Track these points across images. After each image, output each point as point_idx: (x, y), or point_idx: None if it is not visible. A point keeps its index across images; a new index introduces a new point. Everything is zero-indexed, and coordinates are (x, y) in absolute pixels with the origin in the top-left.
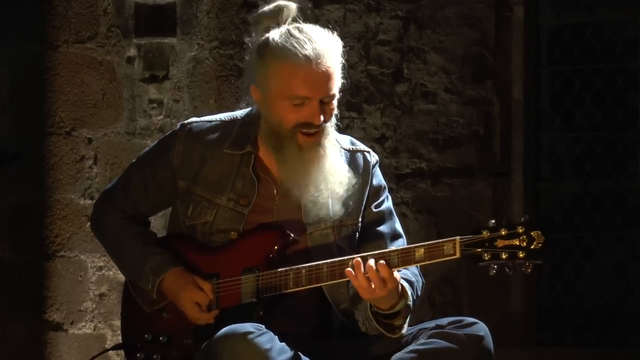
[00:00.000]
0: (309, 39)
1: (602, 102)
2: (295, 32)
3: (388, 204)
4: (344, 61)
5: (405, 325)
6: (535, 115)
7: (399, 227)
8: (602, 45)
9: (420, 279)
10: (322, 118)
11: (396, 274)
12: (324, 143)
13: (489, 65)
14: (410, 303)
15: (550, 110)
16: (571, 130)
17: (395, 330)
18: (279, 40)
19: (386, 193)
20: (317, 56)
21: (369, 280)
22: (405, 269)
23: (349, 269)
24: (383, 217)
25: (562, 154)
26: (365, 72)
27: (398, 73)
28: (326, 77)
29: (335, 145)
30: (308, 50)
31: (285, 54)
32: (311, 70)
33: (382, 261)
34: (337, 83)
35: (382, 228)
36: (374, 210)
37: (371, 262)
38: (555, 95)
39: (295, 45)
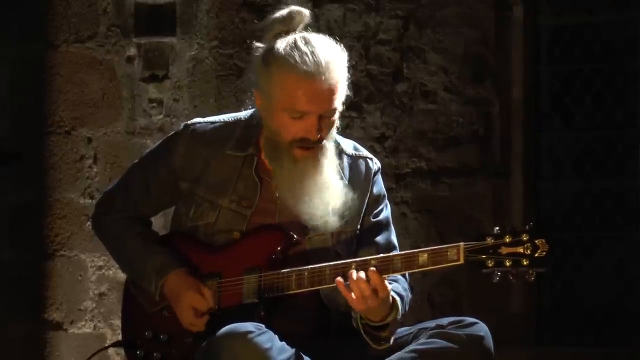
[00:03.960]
0: (313, 52)
1: (602, 102)
2: (301, 44)
3: (386, 213)
4: (349, 75)
5: (392, 338)
6: (535, 115)
7: (394, 238)
8: (601, 44)
9: (409, 294)
10: (318, 135)
11: (387, 284)
12: (320, 159)
13: (488, 65)
14: (400, 316)
15: (550, 110)
16: (571, 130)
17: (382, 342)
18: (283, 51)
19: (385, 201)
20: (321, 72)
21: (361, 290)
22: (395, 281)
23: (339, 279)
24: (380, 227)
25: (562, 153)
26: (365, 72)
27: (398, 72)
28: (328, 92)
29: (333, 161)
30: (311, 65)
31: (288, 66)
32: (313, 85)
33: (372, 268)
34: (339, 97)
35: (378, 238)
36: (372, 219)
37: (361, 273)
38: (555, 95)
39: (299, 59)
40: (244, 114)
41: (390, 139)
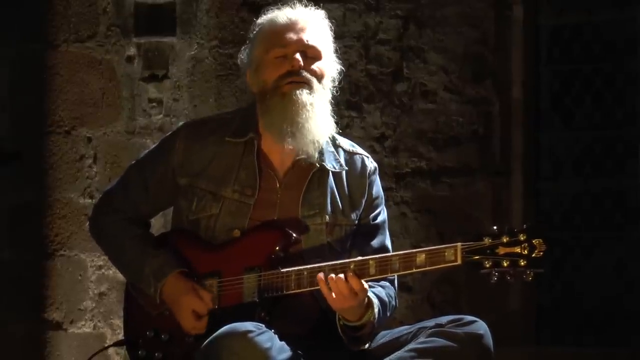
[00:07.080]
0: (290, 9)
1: (602, 102)
2: (278, 10)
3: (384, 216)
4: (332, 36)
5: (370, 340)
6: (535, 114)
7: (388, 242)
8: (601, 44)
9: (393, 302)
10: (301, 64)
11: (365, 284)
12: (308, 94)
13: (488, 65)
14: (375, 318)
15: (550, 109)
16: (571, 130)
17: (360, 344)
18: (262, 19)
19: (383, 205)
20: (297, 16)
21: (340, 290)
22: (382, 287)
23: (321, 275)
24: (377, 230)
25: (562, 153)
26: (365, 72)
27: (398, 72)
28: (306, 29)
29: (325, 106)
30: (288, 13)
31: (265, 22)
32: (291, 23)
33: (350, 273)
34: (320, 43)
35: (374, 242)
36: (370, 221)
37: (341, 275)
38: (555, 94)
39: (276, 12)
40: (240, 108)
41: (390, 139)
